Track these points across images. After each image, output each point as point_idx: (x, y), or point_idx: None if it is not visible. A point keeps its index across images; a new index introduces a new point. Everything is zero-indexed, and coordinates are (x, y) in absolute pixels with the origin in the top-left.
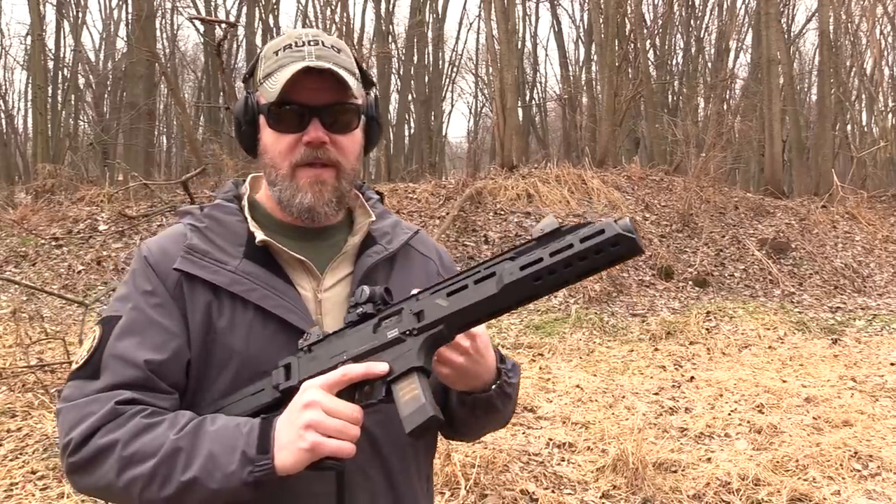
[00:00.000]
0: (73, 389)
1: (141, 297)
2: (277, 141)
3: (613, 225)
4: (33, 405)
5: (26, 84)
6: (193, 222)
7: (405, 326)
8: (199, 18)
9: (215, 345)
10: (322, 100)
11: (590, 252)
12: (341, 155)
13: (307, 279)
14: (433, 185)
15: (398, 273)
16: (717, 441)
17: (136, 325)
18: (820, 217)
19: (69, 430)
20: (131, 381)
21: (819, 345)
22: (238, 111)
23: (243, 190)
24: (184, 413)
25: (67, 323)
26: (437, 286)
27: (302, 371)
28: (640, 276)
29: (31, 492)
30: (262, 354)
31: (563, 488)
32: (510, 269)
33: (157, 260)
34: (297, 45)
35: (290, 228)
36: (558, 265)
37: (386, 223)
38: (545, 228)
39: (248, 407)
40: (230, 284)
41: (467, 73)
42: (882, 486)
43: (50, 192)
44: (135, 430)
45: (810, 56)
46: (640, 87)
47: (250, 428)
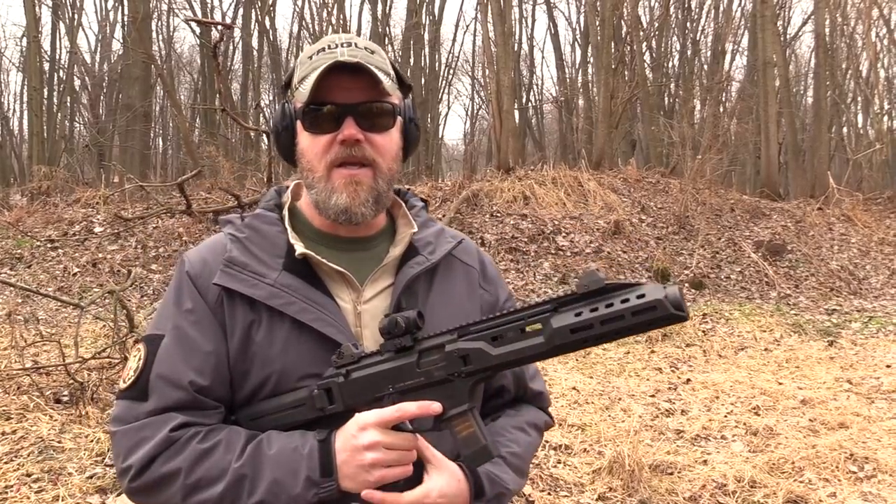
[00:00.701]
0: (124, 410)
1: (182, 315)
2: (313, 143)
3: (665, 302)
4: (28, 408)
5: (22, 86)
6: (234, 233)
7: (452, 369)
8: (196, 20)
9: (255, 358)
10: (355, 98)
11: (640, 326)
12: (377, 154)
13: (347, 291)
14: (430, 187)
15: (439, 284)
16: (714, 443)
17: (180, 346)
18: (816, 219)
19: (126, 456)
20: (178, 402)
21: (815, 347)
22: (276, 119)
23: (285, 198)
24: (236, 432)
25: (63, 325)
26: (477, 326)
27: (345, 397)
28: (636, 278)
29: (26, 494)
30: (300, 367)
31: (560, 490)
32: (560, 329)
33: (198, 273)
34: (329, 48)
35: (331, 238)
36: (607, 334)
37: (429, 232)
38: (590, 286)
39: (289, 421)
40: (269, 298)
41: (464, 76)
42: (878, 487)
43: (45, 193)
44: (194, 457)
45: (806, 58)
46: (636, 89)
47: (310, 451)
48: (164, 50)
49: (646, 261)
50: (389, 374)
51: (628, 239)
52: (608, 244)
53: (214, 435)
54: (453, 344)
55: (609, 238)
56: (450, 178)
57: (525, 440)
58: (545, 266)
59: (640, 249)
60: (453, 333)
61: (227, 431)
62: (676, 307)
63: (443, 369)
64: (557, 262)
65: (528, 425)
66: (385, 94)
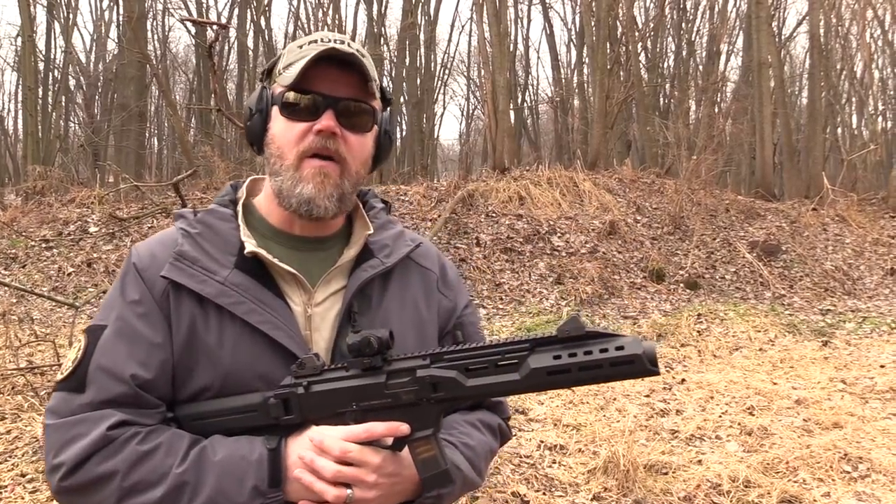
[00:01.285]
0: (59, 402)
1: (127, 306)
2: (288, 129)
3: (642, 357)
4: (23, 408)
5: (16, 85)
6: (186, 227)
7: (421, 394)
8: (191, 20)
9: (200, 357)
10: (340, 92)
11: (615, 376)
12: (349, 152)
13: (298, 292)
14: (425, 188)
15: (395, 288)
16: (708, 443)
17: (122, 337)
18: (810, 220)
19: (58, 452)
20: (118, 397)
21: (809, 347)
22: (251, 101)
23: (240, 194)
24: (178, 435)
25: (57, 325)
26: (451, 354)
27: (304, 409)
28: (631, 278)
29: (21, 495)
30: (248, 370)
31: (555, 490)
32: (538, 369)
33: (146, 265)
34: (323, 40)
35: (285, 236)
36: (582, 380)
37: (387, 235)
38: (571, 331)
39: (237, 426)
40: (217, 296)
41: (459, 76)
42: (872, 487)
43: (40, 193)
44: (132, 458)
45: (801, 59)
46: (631, 89)
47: (259, 459)
48: (160, 50)
49: (641, 261)
50: (354, 391)
51: (623, 239)
52: (603, 244)
53: (155, 437)
54: (425, 370)
55: (604, 238)
56: (445, 178)
57: (478, 436)
58: (540, 266)
59: (636, 250)
60: (426, 359)
61: (170, 434)
62: (652, 363)
63: (412, 393)
64: (553, 262)
65: (481, 423)
66: (369, 95)
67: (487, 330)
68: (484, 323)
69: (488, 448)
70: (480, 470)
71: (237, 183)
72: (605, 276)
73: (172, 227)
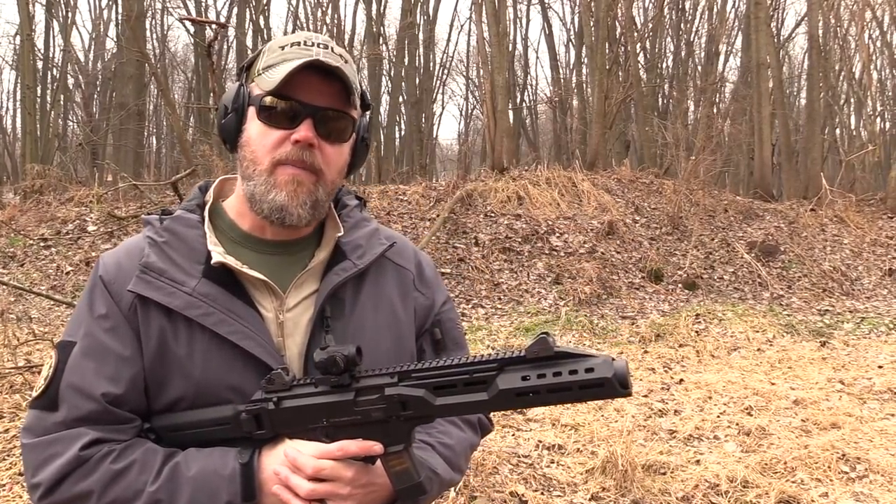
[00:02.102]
0: (34, 420)
1: (95, 321)
2: (264, 134)
3: (613, 381)
4: (21, 406)
5: (15, 84)
6: (152, 236)
7: (390, 412)
8: (190, 19)
9: (172, 369)
10: (320, 101)
11: (585, 397)
12: (325, 163)
13: (269, 298)
14: (424, 187)
15: (369, 289)
16: (706, 443)
17: (91, 353)
18: (809, 220)
19: (35, 472)
20: (90, 414)
21: (807, 347)
22: (227, 98)
23: (207, 197)
24: (152, 450)
25: (56, 324)
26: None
27: (275, 424)
28: (629, 278)
29: (19, 493)
30: (220, 381)
31: (553, 490)
32: (506, 390)
33: (112, 278)
34: (306, 44)
35: (255, 241)
36: (551, 400)
37: (360, 234)
38: (539, 352)
39: (211, 437)
40: (185, 308)
41: (458, 76)
42: (870, 487)
43: (38, 192)
44: (107, 478)
45: (800, 60)
46: (630, 90)
47: (231, 474)
48: (159, 48)
49: (639, 261)
50: (324, 408)
51: (622, 239)
52: (602, 244)
53: (129, 454)
54: (394, 388)
55: (603, 238)
56: (444, 178)
57: (457, 434)
58: (539, 266)
59: (634, 250)
60: (393, 377)
61: (143, 451)
62: (623, 385)
63: (381, 411)
64: (551, 262)
65: (460, 420)
66: (350, 106)
67: (486, 330)
68: (482, 323)
69: (468, 444)
70: (460, 467)
71: (206, 184)
72: (604, 277)
73: (140, 235)
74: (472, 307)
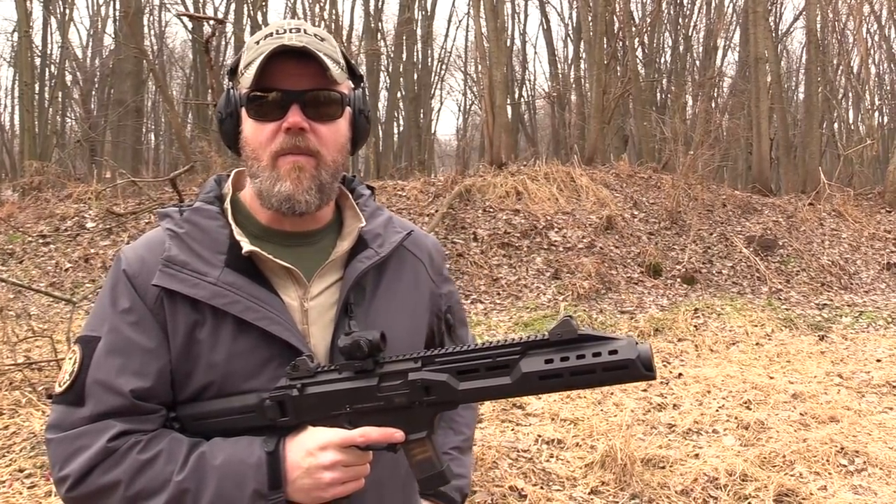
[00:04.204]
0: (59, 415)
1: (119, 316)
2: (258, 131)
3: (637, 363)
4: (20, 403)
5: (13, 81)
6: (173, 228)
7: (413, 397)
8: (188, 15)
9: (199, 360)
10: (302, 85)
11: (609, 380)
12: (321, 144)
13: (293, 287)
14: (422, 183)
15: (388, 278)
16: (705, 437)
17: (117, 348)
18: (807, 214)
19: (63, 465)
20: (117, 408)
21: (806, 341)
22: (220, 105)
23: (225, 190)
24: (177, 440)
25: (55, 321)
26: (442, 357)
27: (299, 411)
28: (628, 273)
29: (19, 490)
30: (246, 368)
31: (552, 484)
32: (530, 374)
33: (136, 272)
34: (277, 33)
35: (276, 233)
36: (575, 384)
37: (377, 223)
38: (563, 335)
39: (234, 426)
40: (211, 298)
41: (456, 71)
42: (868, 480)
43: (37, 189)
44: (134, 468)
45: (798, 54)
46: (628, 84)
47: (258, 462)
48: (157, 45)
49: (638, 256)
50: (348, 394)
51: (620, 234)
52: (600, 239)
53: (155, 444)
54: (417, 373)
55: (601, 233)
56: (442, 173)
57: (470, 415)
58: (538, 261)
59: (633, 245)
60: (417, 361)
61: (169, 440)
62: (647, 367)
63: (404, 396)
64: (550, 257)
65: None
66: (333, 82)
67: (485, 325)
68: (481, 318)
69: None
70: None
71: (220, 177)
72: (603, 271)
73: (158, 228)
74: (470, 302)
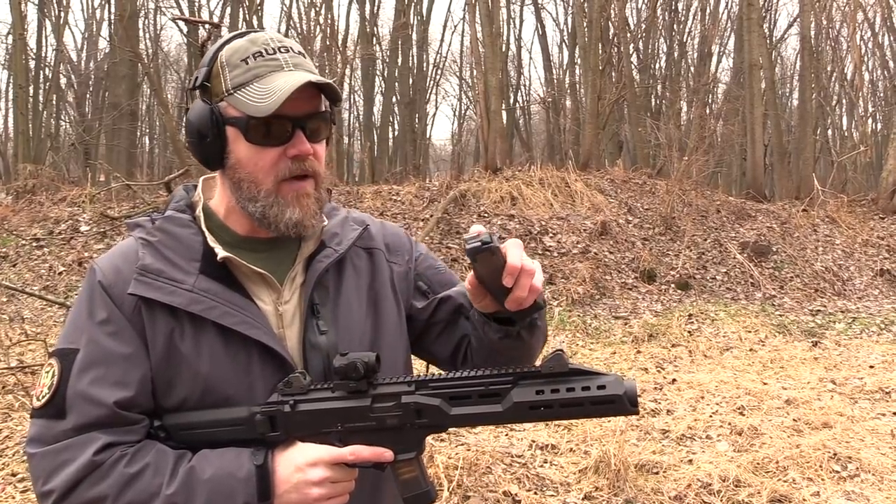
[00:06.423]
0: (40, 429)
1: (96, 327)
2: (258, 155)
3: (623, 398)
4: (13, 407)
5: (7, 84)
6: (145, 237)
7: (405, 419)
8: (183, 19)
9: (180, 367)
10: (303, 109)
11: (596, 413)
12: (319, 164)
13: (267, 292)
14: (417, 187)
15: (349, 273)
16: (699, 443)
17: (96, 360)
18: (801, 220)
19: (46, 480)
20: (100, 420)
21: (799, 347)
22: (200, 123)
23: (196, 198)
24: (163, 452)
25: (48, 324)
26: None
27: (289, 427)
28: (622, 278)
29: (11, 494)
30: (227, 375)
31: (546, 490)
32: (521, 403)
33: (111, 282)
34: (267, 52)
35: (251, 241)
36: (563, 415)
37: (335, 222)
38: (554, 368)
39: (223, 438)
40: (188, 305)
41: (451, 76)
42: (861, 486)
43: (31, 192)
44: (120, 482)
45: (792, 61)
46: (623, 90)
47: (247, 476)
48: (151, 48)
49: (632, 261)
50: (340, 412)
51: (615, 240)
52: (595, 245)
53: (141, 457)
54: (410, 396)
55: (596, 239)
56: (437, 178)
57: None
58: None
59: (627, 250)
60: (410, 385)
61: (154, 453)
62: (632, 403)
63: (396, 418)
64: (545, 262)
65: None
66: (323, 103)
67: None
68: None
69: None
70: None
71: (189, 186)
72: (597, 277)
73: (130, 238)
74: None
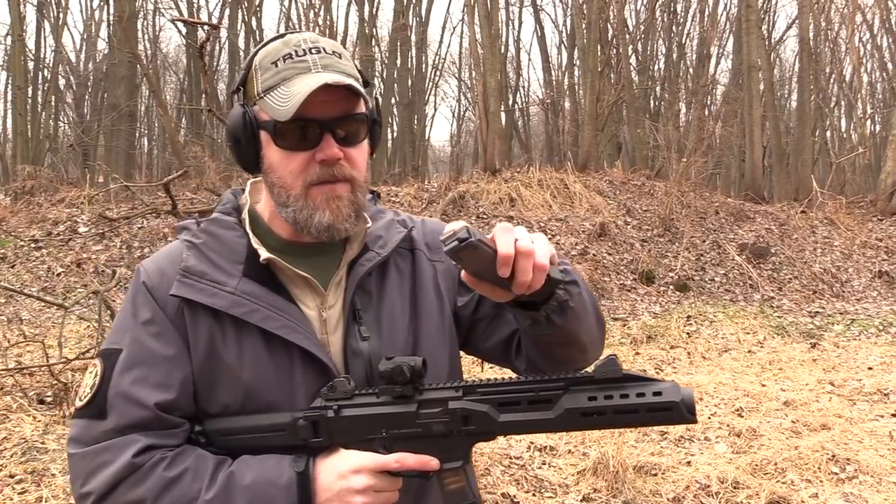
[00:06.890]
0: (81, 429)
1: (140, 327)
2: (288, 160)
3: (681, 406)
4: (11, 408)
5: (6, 85)
6: (190, 239)
7: (452, 426)
8: (182, 20)
9: (222, 371)
10: (333, 112)
11: (650, 421)
12: (354, 169)
13: (311, 297)
14: (416, 189)
15: (392, 276)
16: (697, 444)
17: (139, 360)
18: (799, 222)
19: (85, 481)
20: (141, 421)
21: (798, 349)
22: (235, 127)
23: (243, 201)
24: (202, 457)
25: (46, 326)
26: (483, 387)
27: (333, 432)
28: (621, 280)
29: (9, 496)
30: (269, 381)
31: (544, 491)
32: (573, 409)
33: (155, 284)
34: (297, 54)
35: (295, 246)
36: (616, 422)
37: (379, 225)
38: (608, 373)
39: (264, 444)
40: (230, 307)
41: (450, 77)
42: (859, 488)
43: (29, 193)
44: (160, 485)
45: (791, 62)
46: (622, 92)
47: (288, 483)
48: (150, 49)
49: (631, 263)
50: (385, 418)
51: (614, 241)
52: (594, 246)
53: (181, 461)
54: (458, 402)
55: (595, 240)
56: (436, 179)
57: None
58: None
59: (626, 251)
60: (458, 390)
61: (195, 457)
62: (690, 411)
63: (443, 425)
64: None
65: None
66: (359, 105)
67: None
68: None
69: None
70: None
71: (236, 190)
72: (596, 278)
73: (177, 241)
74: None
